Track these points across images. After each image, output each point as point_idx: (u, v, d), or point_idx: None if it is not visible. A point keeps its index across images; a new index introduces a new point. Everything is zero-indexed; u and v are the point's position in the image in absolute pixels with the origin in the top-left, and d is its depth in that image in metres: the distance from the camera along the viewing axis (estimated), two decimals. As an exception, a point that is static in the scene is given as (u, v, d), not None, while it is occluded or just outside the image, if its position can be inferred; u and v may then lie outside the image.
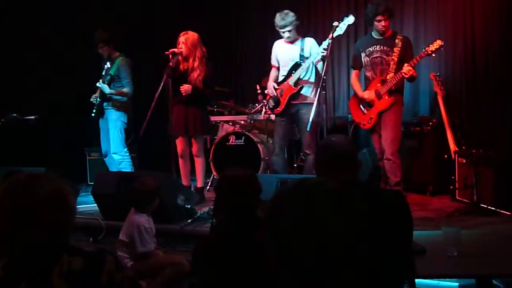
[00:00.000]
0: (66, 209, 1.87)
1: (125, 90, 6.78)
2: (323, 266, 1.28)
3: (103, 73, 6.74)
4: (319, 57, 5.85)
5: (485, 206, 5.44)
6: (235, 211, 2.68)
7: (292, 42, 6.12)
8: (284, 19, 5.94)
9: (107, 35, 6.80)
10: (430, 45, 5.47)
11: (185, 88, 6.08)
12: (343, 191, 1.35)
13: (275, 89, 6.19)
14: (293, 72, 6.06)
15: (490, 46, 7.02)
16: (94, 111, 6.89)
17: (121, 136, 6.89)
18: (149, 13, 9.07)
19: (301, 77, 6.01)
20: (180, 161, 6.38)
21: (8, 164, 6.31)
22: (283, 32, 6.02)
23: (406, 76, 5.46)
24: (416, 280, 3.05)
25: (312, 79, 6.06)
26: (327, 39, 5.71)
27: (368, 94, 5.80)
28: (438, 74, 6.55)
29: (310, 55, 6.01)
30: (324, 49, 5.74)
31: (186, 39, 6.12)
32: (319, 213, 1.30)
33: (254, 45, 9.03)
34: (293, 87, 6.02)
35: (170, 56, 6.05)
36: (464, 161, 5.84)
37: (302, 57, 6.05)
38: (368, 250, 1.31)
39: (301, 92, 6.04)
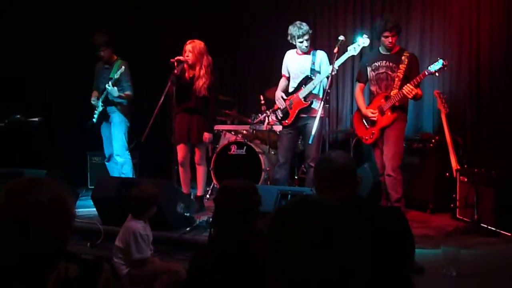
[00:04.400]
0: (65, 216, 1.87)
1: (128, 92, 6.83)
2: (321, 284, 1.27)
3: (110, 76, 6.75)
4: (327, 74, 5.82)
5: (486, 226, 5.42)
6: (233, 223, 2.68)
7: (305, 53, 6.12)
8: (301, 28, 5.93)
9: (106, 37, 6.85)
10: (433, 65, 5.47)
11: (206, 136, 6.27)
12: (344, 210, 1.35)
13: (284, 99, 6.20)
14: (304, 85, 6.06)
15: (495, 65, 7.02)
16: (95, 116, 6.92)
17: (125, 139, 6.92)
18: (154, 20, 9.08)
19: (311, 91, 6.02)
20: (180, 169, 6.38)
21: (10, 165, 6.33)
22: (301, 42, 5.99)
23: (409, 96, 5.47)
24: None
25: (321, 94, 6.05)
26: (339, 59, 5.71)
27: (371, 113, 5.80)
28: (442, 91, 6.56)
29: (320, 69, 6.02)
30: (336, 68, 5.73)
31: (193, 47, 6.14)
32: (317, 233, 1.29)
33: (259, 55, 9.04)
34: (304, 101, 6.03)
35: (176, 63, 6.06)
36: (466, 179, 5.83)
37: (313, 71, 6.05)
38: (367, 271, 1.30)
39: (311, 106, 6.05)
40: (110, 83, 6.68)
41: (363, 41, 5.79)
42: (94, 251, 5.09)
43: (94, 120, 6.96)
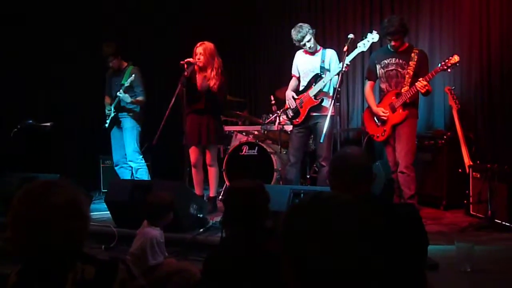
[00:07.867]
0: (81, 218, 1.88)
1: (140, 98, 6.86)
2: (338, 279, 1.28)
3: (121, 82, 6.77)
4: (338, 71, 5.84)
5: (500, 221, 5.40)
6: (243, 222, 2.69)
7: (313, 53, 6.13)
8: (300, 31, 5.96)
9: (113, 47, 6.85)
10: (447, 60, 5.46)
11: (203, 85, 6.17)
12: (359, 204, 1.35)
13: (294, 99, 6.20)
14: (314, 84, 6.07)
15: (506, 61, 6.97)
16: (107, 121, 6.95)
17: (137, 144, 6.94)
18: (163, 22, 9.11)
19: (322, 89, 6.02)
20: (193, 170, 6.40)
21: (24, 170, 6.38)
22: (303, 45, 6.03)
23: (422, 91, 5.47)
24: (428, 295, 3.03)
25: (331, 92, 6.06)
26: (349, 55, 5.73)
27: (383, 112, 5.79)
28: (453, 87, 6.53)
29: (330, 67, 6.03)
30: (346, 64, 5.74)
31: (204, 49, 6.15)
32: (334, 226, 1.29)
33: (269, 55, 9.05)
34: (314, 99, 6.03)
35: (185, 65, 6.07)
36: (479, 175, 5.81)
37: (323, 69, 6.06)
38: (383, 264, 1.31)
39: (322, 104, 6.06)
40: (121, 90, 6.70)
41: (372, 36, 5.80)
42: (108, 254, 5.13)
43: (106, 125, 7.00)
